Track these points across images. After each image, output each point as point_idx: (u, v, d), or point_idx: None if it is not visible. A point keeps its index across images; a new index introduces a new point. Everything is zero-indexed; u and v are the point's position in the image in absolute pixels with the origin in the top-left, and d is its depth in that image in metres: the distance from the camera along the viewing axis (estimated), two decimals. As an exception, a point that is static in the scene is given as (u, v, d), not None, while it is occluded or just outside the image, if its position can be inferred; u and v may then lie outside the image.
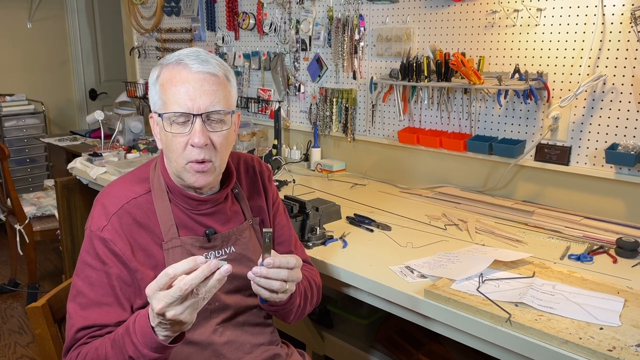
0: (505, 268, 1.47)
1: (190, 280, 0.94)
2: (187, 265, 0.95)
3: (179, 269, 0.95)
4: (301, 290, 1.31)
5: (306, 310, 1.36)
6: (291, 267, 1.13)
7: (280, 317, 1.32)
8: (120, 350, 1.03)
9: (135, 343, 1.01)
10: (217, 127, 1.18)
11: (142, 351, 1.01)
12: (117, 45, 4.64)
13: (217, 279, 0.97)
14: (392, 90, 2.41)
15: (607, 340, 1.11)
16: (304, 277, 1.34)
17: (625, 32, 1.77)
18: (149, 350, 1.01)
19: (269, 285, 1.11)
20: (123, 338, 1.04)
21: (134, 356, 1.02)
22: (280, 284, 1.11)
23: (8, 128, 4.35)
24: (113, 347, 1.05)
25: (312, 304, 1.39)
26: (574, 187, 1.97)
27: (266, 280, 1.10)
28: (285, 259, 1.13)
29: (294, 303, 1.26)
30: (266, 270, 1.10)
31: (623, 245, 1.59)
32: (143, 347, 1.00)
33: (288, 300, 1.23)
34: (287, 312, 1.28)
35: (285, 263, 1.12)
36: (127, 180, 1.28)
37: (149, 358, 1.01)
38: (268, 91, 3.06)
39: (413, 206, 2.11)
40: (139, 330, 1.01)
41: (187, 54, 1.18)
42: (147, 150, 3.01)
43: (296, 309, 1.29)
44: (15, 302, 3.36)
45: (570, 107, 1.92)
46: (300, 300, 1.30)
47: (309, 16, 2.72)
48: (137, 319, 1.03)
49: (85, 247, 1.19)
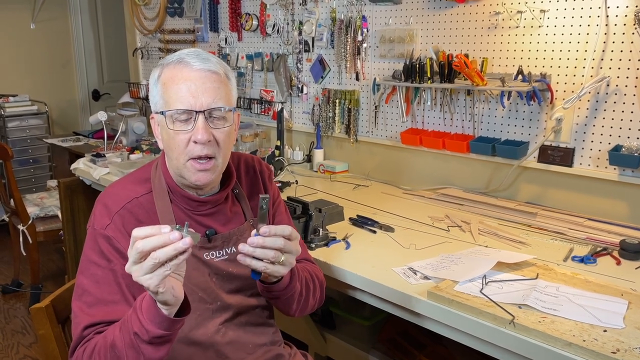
0: (509, 270, 1.46)
1: (141, 246, 0.92)
2: (158, 241, 0.92)
3: (149, 245, 0.93)
4: (302, 277, 1.28)
5: (309, 303, 1.33)
6: (287, 235, 1.09)
7: (282, 306, 1.29)
8: (127, 330, 1.02)
9: (141, 319, 1.00)
10: (219, 123, 1.18)
11: (146, 327, 0.99)
12: (120, 46, 4.64)
13: (173, 248, 0.92)
14: (395, 92, 2.41)
15: (611, 343, 1.11)
16: (304, 270, 1.33)
17: (629, 33, 1.77)
18: (153, 326, 0.99)
19: (264, 255, 1.06)
20: (130, 318, 1.03)
21: (139, 332, 1.00)
22: (275, 253, 1.07)
23: (11, 129, 4.36)
24: (121, 329, 1.04)
25: (316, 298, 1.37)
26: (577, 188, 1.96)
27: (262, 250, 1.06)
28: (282, 227, 1.09)
29: (294, 288, 1.22)
30: (262, 239, 1.05)
31: (626, 247, 1.59)
32: (148, 322, 0.99)
33: (288, 283, 1.20)
34: (288, 299, 1.24)
35: (281, 231, 1.08)
36: (129, 180, 1.28)
37: (153, 334, 1.00)
38: (271, 92, 3.06)
39: (416, 207, 2.11)
40: (145, 307, 1.00)
41: (187, 53, 1.19)
42: (150, 151, 3.01)
43: (298, 296, 1.26)
44: (18, 302, 3.37)
45: (574, 109, 1.92)
46: (302, 288, 1.27)
47: (312, 17, 2.72)
48: (144, 297, 1.02)
49: (89, 245, 1.19)
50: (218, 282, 1.27)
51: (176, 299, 0.99)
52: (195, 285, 1.23)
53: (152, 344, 1.01)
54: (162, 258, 0.92)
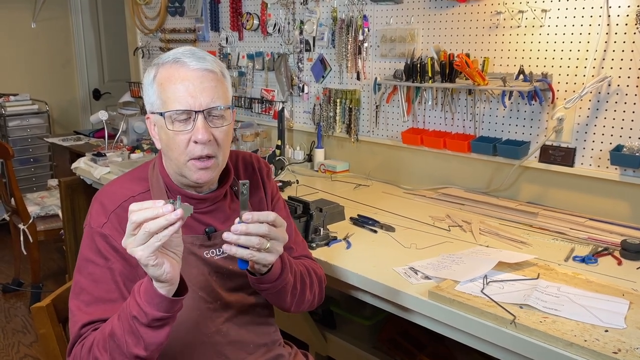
0: (510, 270, 1.46)
1: (135, 218, 0.95)
2: (151, 213, 0.95)
3: (142, 216, 0.95)
4: (296, 271, 1.26)
5: (305, 297, 1.31)
6: (271, 221, 1.08)
7: (276, 300, 1.27)
8: (126, 315, 1.02)
9: (139, 302, 1.00)
10: (218, 122, 1.18)
11: (145, 309, 0.99)
12: (121, 45, 4.64)
13: (165, 219, 0.94)
14: (396, 91, 2.40)
15: (613, 343, 1.10)
16: (301, 264, 1.32)
17: (630, 33, 1.76)
18: (151, 308, 0.99)
19: (249, 242, 1.05)
20: (128, 303, 1.03)
21: (138, 315, 1.00)
22: (259, 240, 1.05)
23: (12, 128, 4.36)
24: (120, 317, 1.04)
25: (314, 294, 1.35)
26: (578, 188, 1.96)
27: (246, 237, 1.05)
28: (265, 213, 1.08)
29: (286, 280, 1.20)
30: (245, 226, 1.04)
31: (628, 247, 1.59)
32: (146, 304, 0.99)
33: (279, 275, 1.18)
34: (280, 291, 1.22)
35: (265, 217, 1.07)
36: (126, 179, 1.28)
37: (152, 317, 0.99)
38: (272, 92, 3.06)
39: (417, 207, 2.11)
40: (143, 289, 1.01)
41: (182, 52, 1.18)
42: (151, 150, 3.01)
43: (291, 289, 1.24)
44: (18, 301, 3.37)
45: (575, 109, 1.91)
46: (296, 282, 1.26)
47: (313, 17, 2.72)
48: (142, 282, 1.02)
49: (86, 244, 1.19)
50: (218, 280, 1.27)
51: (171, 276, 0.98)
52: (195, 284, 1.23)
53: (152, 327, 1.01)
54: (154, 229, 0.94)
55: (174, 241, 1.00)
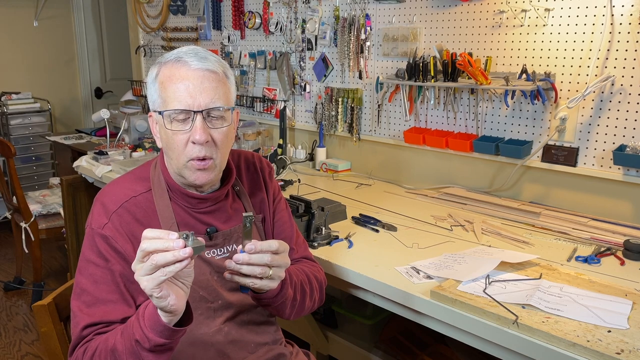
0: (512, 269, 1.46)
1: (146, 246, 0.93)
2: (161, 245, 0.93)
3: (152, 247, 0.94)
4: (296, 282, 1.27)
5: (305, 305, 1.32)
6: (274, 250, 1.08)
7: (275, 312, 1.28)
8: (129, 336, 1.02)
9: (142, 326, 1.00)
10: (217, 123, 1.18)
11: (147, 334, 0.99)
12: (123, 44, 4.65)
13: (172, 255, 0.93)
14: (398, 90, 2.40)
15: (615, 343, 1.10)
16: (301, 272, 1.32)
17: (634, 32, 1.76)
18: (154, 334, 0.99)
19: (252, 271, 1.06)
20: (132, 324, 1.03)
21: (140, 339, 1.00)
22: (262, 269, 1.06)
23: (14, 126, 4.37)
24: (123, 334, 1.04)
25: (314, 300, 1.35)
26: (581, 188, 1.96)
27: (248, 266, 1.06)
28: (267, 243, 1.08)
29: (286, 295, 1.21)
30: (248, 256, 1.05)
31: (630, 247, 1.58)
32: (149, 330, 0.99)
33: (279, 291, 1.18)
34: (280, 306, 1.22)
35: (267, 247, 1.07)
36: (127, 179, 1.28)
37: (154, 343, 1.00)
38: (273, 90, 3.05)
39: (419, 207, 2.10)
40: (148, 314, 1.00)
41: (185, 51, 1.17)
42: (153, 149, 3.02)
43: (290, 302, 1.24)
44: (20, 299, 3.37)
45: (578, 108, 1.91)
46: (296, 294, 1.26)
47: (315, 15, 2.72)
48: (148, 305, 1.02)
49: (87, 245, 1.19)
50: (219, 280, 1.26)
51: (175, 308, 0.97)
52: (196, 283, 1.22)
53: (154, 351, 1.01)
54: (161, 262, 0.92)
55: (184, 271, 0.98)
